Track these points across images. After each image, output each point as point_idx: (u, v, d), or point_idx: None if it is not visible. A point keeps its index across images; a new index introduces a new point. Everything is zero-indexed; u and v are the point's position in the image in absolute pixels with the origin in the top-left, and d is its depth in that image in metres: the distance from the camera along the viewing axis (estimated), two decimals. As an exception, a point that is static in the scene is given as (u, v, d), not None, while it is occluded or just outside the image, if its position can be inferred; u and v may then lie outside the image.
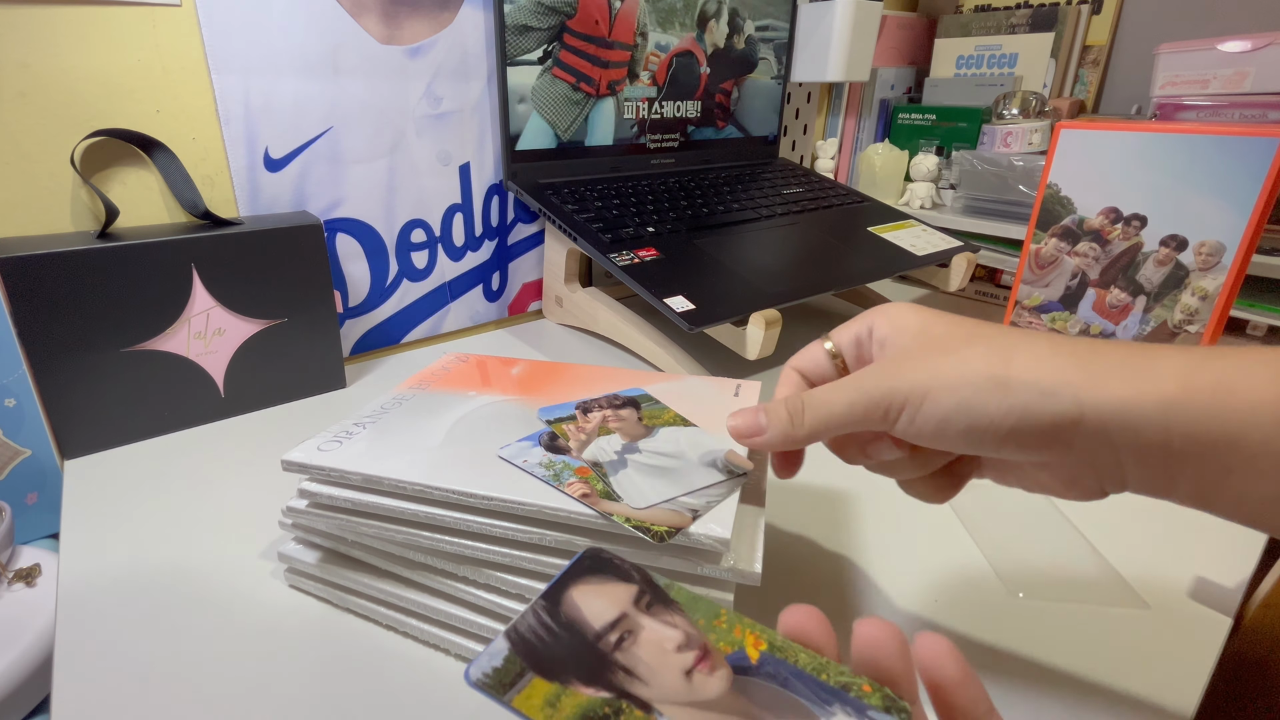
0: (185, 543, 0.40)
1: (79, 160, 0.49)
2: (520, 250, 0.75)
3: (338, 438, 0.34)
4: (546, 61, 0.67)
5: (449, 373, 0.42)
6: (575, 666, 0.18)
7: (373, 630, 0.34)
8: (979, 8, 1.05)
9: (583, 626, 0.19)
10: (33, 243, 0.45)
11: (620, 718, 0.17)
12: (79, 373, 0.47)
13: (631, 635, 0.19)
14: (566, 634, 0.19)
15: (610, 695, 0.17)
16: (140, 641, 0.33)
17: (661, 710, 0.17)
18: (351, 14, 0.57)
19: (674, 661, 0.18)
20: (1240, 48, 0.73)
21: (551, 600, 0.20)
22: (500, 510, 0.29)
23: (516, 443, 0.32)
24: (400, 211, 0.65)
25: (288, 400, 0.57)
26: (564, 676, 0.18)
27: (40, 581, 0.53)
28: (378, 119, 0.61)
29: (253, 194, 0.56)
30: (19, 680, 0.48)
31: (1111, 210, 0.59)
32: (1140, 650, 0.33)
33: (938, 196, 0.94)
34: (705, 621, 0.20)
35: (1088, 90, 0.98)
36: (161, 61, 0.50)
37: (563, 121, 0.70)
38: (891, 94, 1.06)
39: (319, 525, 0.33)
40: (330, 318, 0.56)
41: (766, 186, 0.81)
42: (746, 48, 0.83)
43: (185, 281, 0.49)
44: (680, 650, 0.19)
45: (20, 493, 0.54)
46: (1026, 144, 0.83)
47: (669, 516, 0.27)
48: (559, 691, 0.17)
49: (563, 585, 0.21)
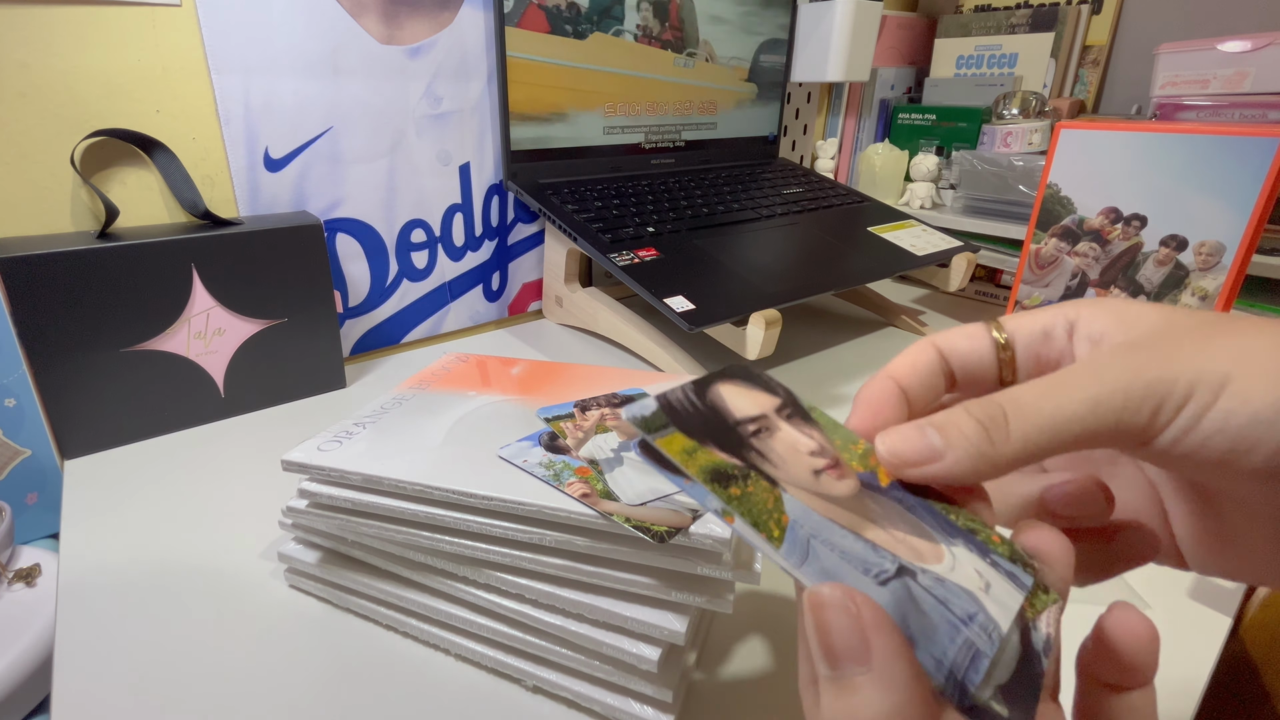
0: (185, 543, 0.40)
1: (79, 160, 0.49)
2: (520, 250, 0.75)
3: (338, 438, 0.34)
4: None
5: (449, 373, 0.42)
6: (713, 436, 0.19)
7: (373, 630, 0.34)
8: (979, 8, 1.05)
9: (724, 412, 0.19)
10: (33, 243, 0.45)
11: (749, 481, 0.18)
12: (79, 373, 0.47)
13: (768, 431, 0.19)
14: (709, 412, 0.19)
15: (741, 463, 0.18)
16: (140, 641, 0.33)
17: (787, 488, 0.18)
18: (351, 14, 0.57)
19: (805, 461, 0.19)
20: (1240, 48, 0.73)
21: (699, 388, 0.20)
22: (500, 510, 0.29)
23: (516, 443, 0.32)
24: (400, 211, 0.65)
25: (288, 400, 0.57)
26: (702, 438, 0.18)
27: (40, 581, 0.53)
28: (378, 119, 0.61)
29: (253, 194, 0.56)
30: (19, 680, 0.48)
31: (1111, 210, 0.59)
32: (1140, 650, 0.33)
33: (938, 196, 0.94)
34: (842, 444, 0.19)
35: (1088, 90, 0.98)
36: (161, 61, 0.50)
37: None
38: (891, 94, 1.06)
39: (319, 525, 0.33)
40: (330, 318, 0.56)
41: (766, 186, 0.81)
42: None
43: (185, 281, 0.49)
44: (813, 455, 0.19)
45: (20, 493, 0.54)
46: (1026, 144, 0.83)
47: (669, 516, 0.27)
48: (696, 447, 0.18)
49: (710, 381, 0.20)
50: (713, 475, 0.17)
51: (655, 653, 0.27)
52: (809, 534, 0.17)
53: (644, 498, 0.28)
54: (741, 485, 0.17)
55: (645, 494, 0.28)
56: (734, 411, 0.20)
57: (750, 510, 0.17)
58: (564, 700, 0.30)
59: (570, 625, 0.29)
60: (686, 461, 0.18)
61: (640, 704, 0.29)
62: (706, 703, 0.31)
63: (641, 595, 0.28)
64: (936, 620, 0.15)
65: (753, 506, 0.17)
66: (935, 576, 0.16)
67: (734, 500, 0.17)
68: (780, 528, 0.17)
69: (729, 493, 0.17)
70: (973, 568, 0.17)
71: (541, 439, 0.33)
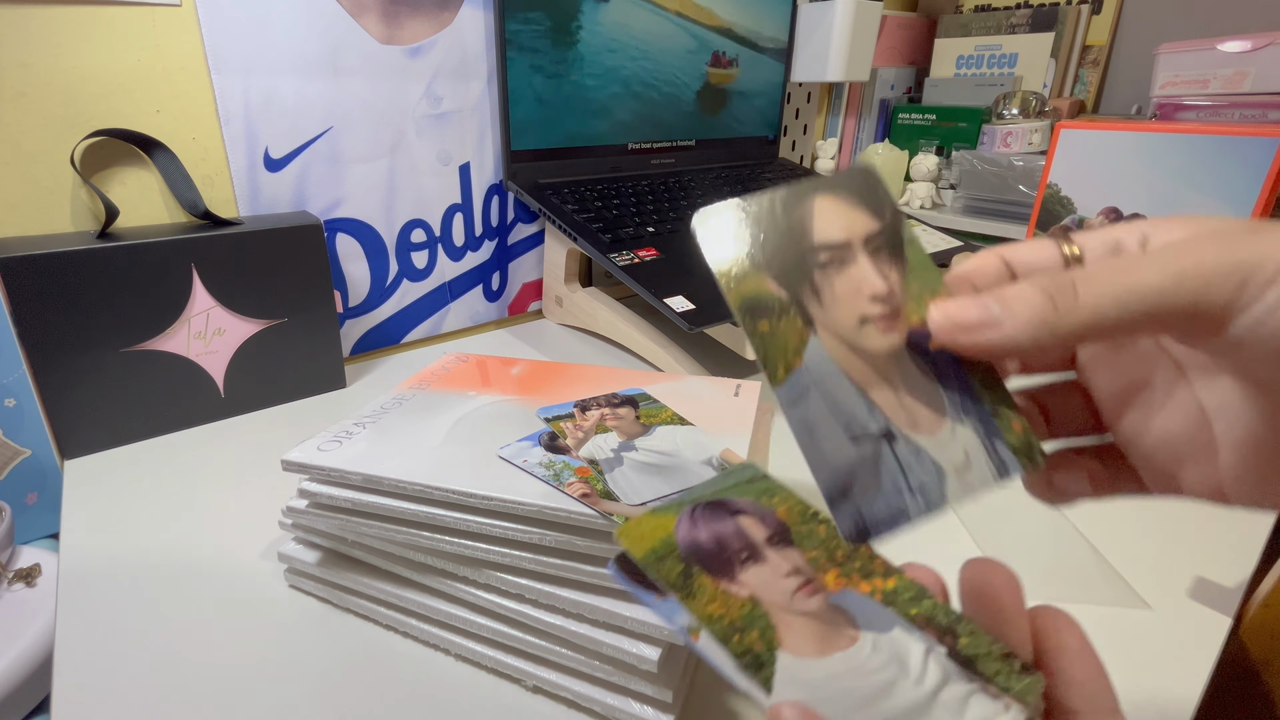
0: (185, 542, 0.40)
1: (79, 160, 0.49)
2: (520, 250, 0.75)
3: (338, 438, 0.34)
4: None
5: (449, 373, 0.42)
6: (774, 259, 0.18)
7: (373, 630, 0.34)
8: (979, 8, 1.05)
9: (803, 236, 0.19)
10: (33, 243, 0.45)
11: (783, 317, 0.18)
12: (79, 373, 0.47)
13: (840, 264, 0.19)
14: (785, 232, 0.19)
15: (786, 296, 0.18)
16: (140, 641, 0.33)
17: (820, 331, 0.18)
18: (351, 14, 0.57)
19: (859, 306, 0.18)
20: (1240, 48, 0.73)
21: (795, 195, 0.19)
22: (500, 510, 0.29)
23: (516, 443, 0.32)
24: (400, 211, 0.65)
25: (288, 400, 0.57)
26: (760, 261, 0.18)
27: (40, 581, 0.53)
28: (378, 119, 0.61)
29: (253, 194, 0.56)
30: (19, 680, 0.48)
31: (1111, 210, 0.59)
32: (1140, 650, 0.33)
33: (938, 196, 0.94)
34: (917, 291, 0.19)
35: (1088, 90, 0.98)
36: (161, 61, 0.50)
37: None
38: (891, 94, 1.06)
39: (319, 525, 0.33)
40: (330, 318, 0.56)
41: (767, 186, 0.81)
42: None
43: (185, 281, 0.49)
44: (873, 299, 0.19)
45: (20, 493, 0.54)
46: (1026, 144, 0.83)
47: (669, 516, 0.27)
48: (748, 271, 0.18)
49: (815, 188, 0.20)
50: (748, 306, 0.18)
51: (655, 653, 0.27)
52: (812, 381, 0.17)
53: (644, 497, 0.28)
54: (772, 321, 0.18)
55: (645, 494, 0.28)
56: (816, 234, 0.19)
57: (767, 351, 0.18)
58: (564, 700, 0.30)
59: (570, 625, 0.29)
60: (729, 288, 0.18)
61: (640, 704, 0.29)
62: (706, 703, 0.31)
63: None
64: (886, 482, 0.17)
65: (771, 346, 0.18)
66: (915, 446, 0.17)
67: (769, 356, 0.18)
68: (788, 369, 0.18)
69: (758, 326, 0.18)
70: (964, 446, 0.17)
71: (541, 439, 0.33)
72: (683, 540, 0.20)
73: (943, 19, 1.07)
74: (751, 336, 0.17)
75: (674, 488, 0.29)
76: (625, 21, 0.71)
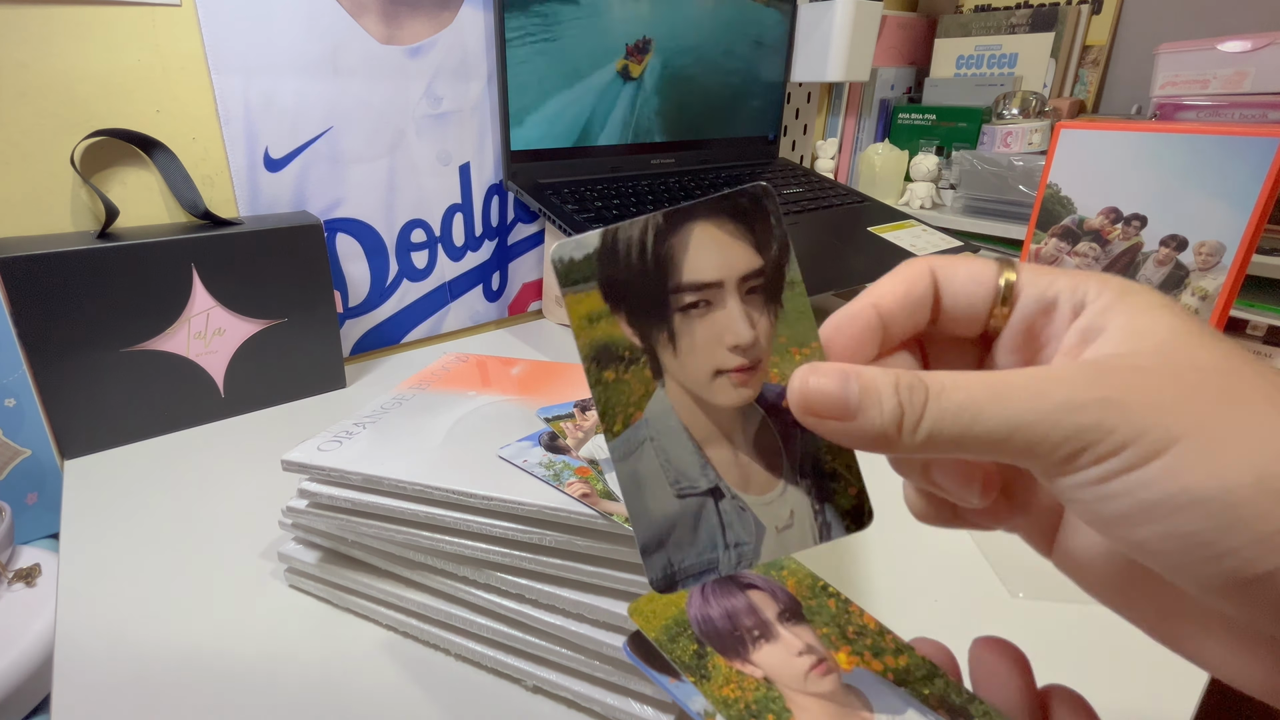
0: (185, 543, 0.40)
1: (79, 160, 0.49)
2: (520, 250, 0.75)
3: (338, 438, 0.34)
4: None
5: (449, 373, 0.42)
6: (633, 301, 0.17)
7: (373, 630, 0.34)
8: (979, 8, 1.05)
9: (670, 272, 0.17)
10: (33, 243, 0.45)
11: (631, 367, 0.17)
12: (79, 373, 0.47)
13: (707, 308, 0.17)
14: (653, 266, 0.17)
15: (638, 344, 0.17)
16: (140, 641, 0.33)
17: (668, 384, 0.17)
18: (351, 14, 0.57)
19: (717, 356, 0.17)
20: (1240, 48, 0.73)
21: (671, 223, 0.17)
22: (500, 510, 0.29)
23: (516, 443, 0.32)
24: (400, 211, 0.65)
25: (288, 400, 0.57)
26: (617, 303, 0.17)
27: (40, 581, 0.53)
28: (378, 119, 0.61)
29: (253, 194, 0.56)
30: (19, 680, 0.48)
31: (1111, 210, 0.59)
32: (1140, 650, 0.33)
33: (938, 196, 0.94)
34: (787, 342, 0.17)
35: (1088, 90, 0.98)
36: (161, 61, 0.50)
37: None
38: (891, 94, 1.06)
39: (319, 525, 0.33)
40: (330, 318, 0.56)
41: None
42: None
43: (185, 281, 0.49)
44: (733, 350, 0.17)
45: (20, 493, 0.54)
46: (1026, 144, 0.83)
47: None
48: (603, 314, 0.17)
49: (695, 214, 0.17)
50: (597, 353, 0.17)
51: (655, 653, 0.27)
52: (649, 435, 0.17)
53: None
54: (619, 370, 0.17)
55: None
56: (685, 272, 0.17)
57: (608, 402, 0.17)
58: (564, 700, 0.30)
59: (570, 625, 0.29)
60: (580, 330, 0.17)
61: (640, 704, 0.29)
62: (706, 703, 0.31)
63: (641, 595, 0.28)
64: (703, 536, 0.17)
65: (613, 397, 0.17)
66: (741, 505, 0.17)
67: (609, 408, 0.17)
68: (626, 423, 0.17)
69: (603, 375, 0.17)
70: (791, 507, 0.17)
71: (541, 439, 0.33)
72: (695, 617, 0.20)
73: (943, 19, 1.07)
74: (593, 386, 0.16)
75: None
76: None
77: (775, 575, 0.22)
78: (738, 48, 0.82)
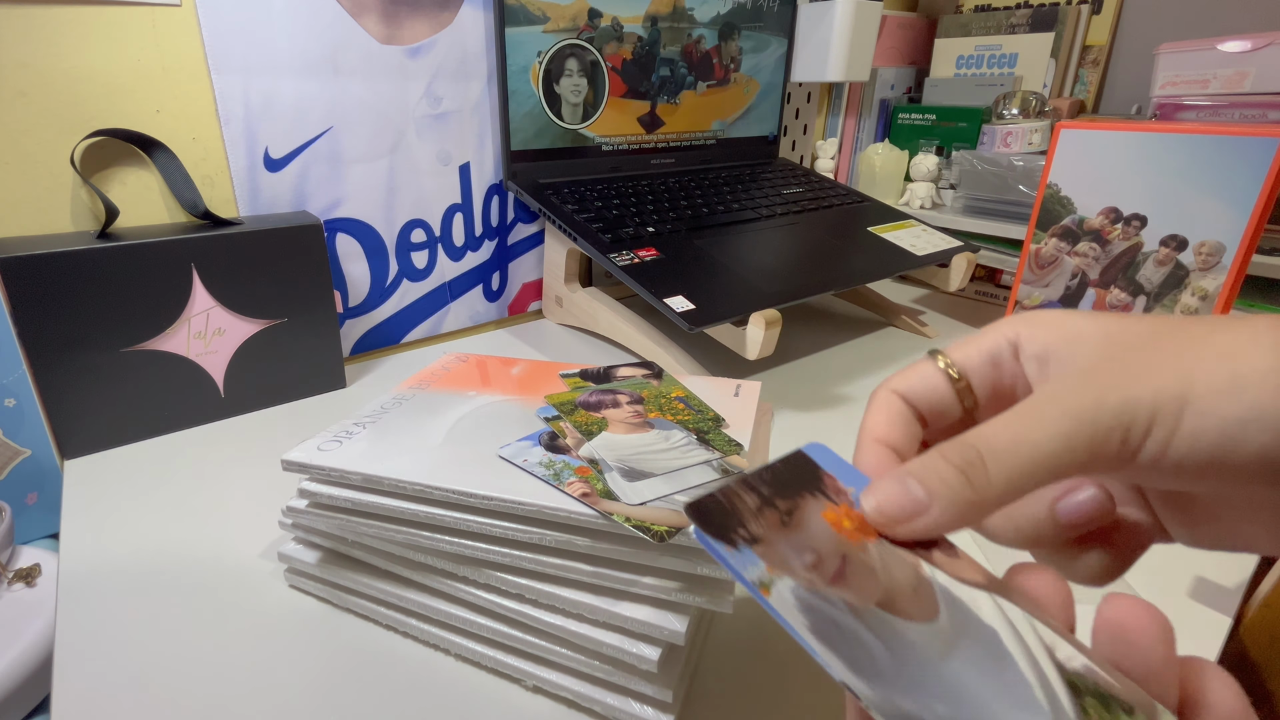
0: (185, 543, 0.40)
1: (79, 160, 0.49)
2: (520, 250, 0.75)
3: (338, 438, 0.34)
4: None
5: (449, 373, 0.42)
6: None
7: (373, 630, 0.34)
8: (979, 8, 1.05)
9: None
10: (33, 243, 0.45)
11: None
12: (79, 373, 0.47)
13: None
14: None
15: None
16: (140, 641, 0.33)
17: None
18: (351, 14, 0.57)
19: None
20: (1240, 48, 0.73)
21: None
22: (500, 510, 0.29)
23: (516, 442, 0.32)
24: (400, 211, 0.65)
25: (288, 400, 0.57)
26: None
27: (40, 581, 0.53)
28: (378, 119, 0.61)
29: (253, 194, 0.56)
30: (19, 680, 0.48)
31: (1111, 210, 0.59)
32: (1140, 650, 0.33)
33: (938, 196, 0.94)
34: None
35: (1088, 90, 0.98)
36: (161, 61, 0.50)
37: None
38: (891, 94, 1.06)
39: (319, 525, 0.33)
40: (330, 318, 0.56)
41: (766, 186, 0.81)
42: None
43: (185, 281, 0.49)
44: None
45: (20, 493, 0.54)
46: (1026, 144, 0.83)
47: (669, 516, 0.27)
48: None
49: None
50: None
51: (655, 653, 0.27)
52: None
53: (644, 497, 0.28)
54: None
55: (645, 494, 0.28)
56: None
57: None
58: (564, 700, 0.30)
59: (570, 625, 0.29)
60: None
61: (640, 704, 0.29)
62: (706, 703, 0.31)
63: (641, 595, 0.28)
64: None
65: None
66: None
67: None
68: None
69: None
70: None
71: (541, 439, 0.33)
72: (581, 401, 0.32)
73: (943, 19, 1.07)
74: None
75: (674, 488, 0.29)
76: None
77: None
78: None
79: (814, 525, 0.19)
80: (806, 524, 0.19)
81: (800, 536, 0.18)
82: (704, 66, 0.80)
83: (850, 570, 0.18)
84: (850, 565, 0.18)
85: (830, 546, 0.18)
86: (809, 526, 0.19)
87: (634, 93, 0.75)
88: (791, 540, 0.18)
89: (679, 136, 0.81)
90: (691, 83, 0.79)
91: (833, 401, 0.59)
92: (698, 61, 0.79)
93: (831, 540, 0.18)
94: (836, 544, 0.18)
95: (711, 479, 0.29)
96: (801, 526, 0.19)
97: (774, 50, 0.86)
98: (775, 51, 0.86)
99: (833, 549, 0.18)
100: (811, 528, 0.19)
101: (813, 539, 0.18)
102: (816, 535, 0.18)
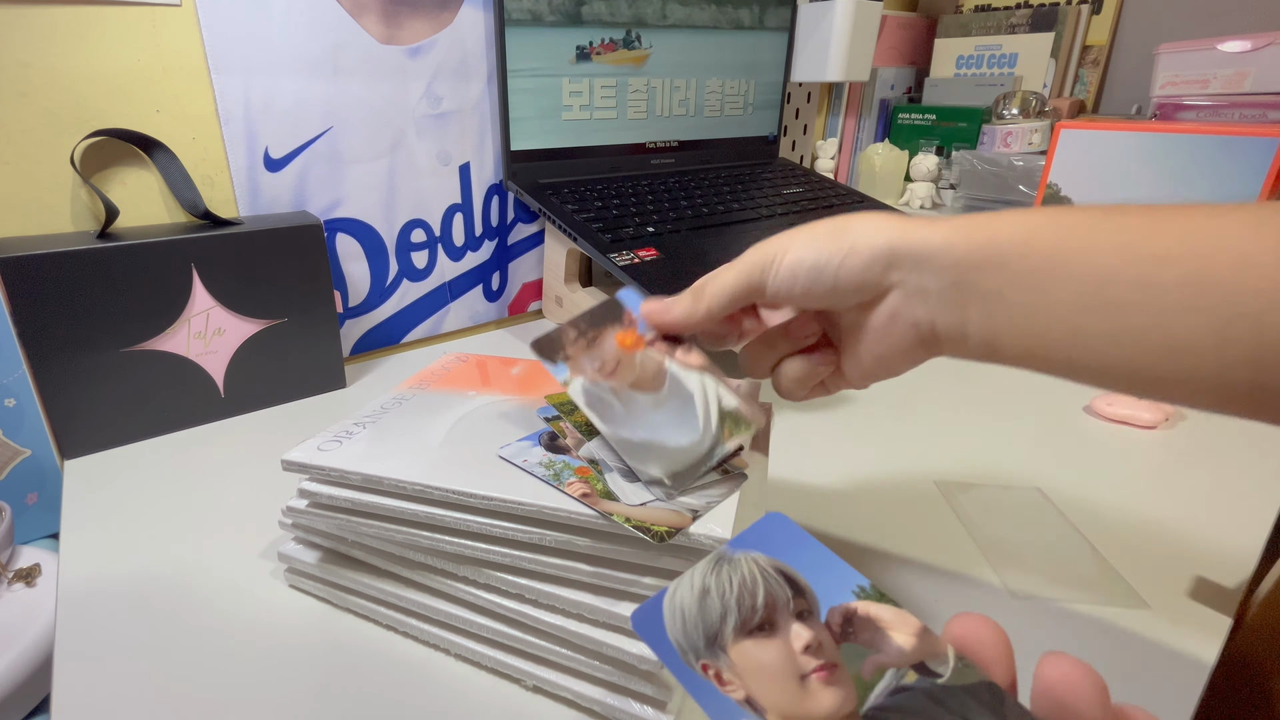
0: (185, 543, 0.40)
1: (79, 160, 0.49)
2: (520, 250, 0.75)
3: (338, 438, 0.34)
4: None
5: (449, 373, 0.42)
6: None
7: (373, 630, 0.34)
8: (979, 8, 1.05)
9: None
10: (33, 243, 0.45)
11: None
12: (79, 373, 0.47)
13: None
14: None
15: None
16: (140, 641, 0.33)
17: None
18: (351, 14, 0.57)
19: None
20: (1240, 48, 0.73)
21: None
22: (500, 510, 0.29)
23: (516, 442, 0.32)
24: (400, 211, 0.65)
25: (288, 400, 0.57)
26: None
27: (40, 581, 0.53)
28: (378, 119, 0.61)
29: (253, 194, 0.56)
30: (19, 680, 0.48)
31: (1111, 210, 0.59)
32: (1140, 650, 0.33)
33: (938, 196, 0.94)
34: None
35: (1088, 90, 0.98)
36: (161, 61, 0.50)
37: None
38: (891, 94, 1.06)
39: (319, 525, 0.33)
40: (330, 318, 0.56)
41: (766, 186, 0.81)
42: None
43: (185, 281, 0.49)
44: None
45: (20, 493, 0.54)
46: (1026, 144, 0.83)
47: (669, 516, 0.27)
48: None
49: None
50: None
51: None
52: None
53: (644, 498, 0.28)
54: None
55: (645, 494, 0.28)
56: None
57: None
58: (564, 700, 0.30)
59: (570, 625, 0.29)
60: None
61: (640, 704, 0.29)
62: (706, 703, 0.31)
63: (642, 595, 0.28)
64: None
65: None
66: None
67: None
68: None
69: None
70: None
71: (541, 439, 0.33)
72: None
73: (943, 19, 1.07)
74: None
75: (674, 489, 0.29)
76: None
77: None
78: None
79: (606, 345, 0.31)
80: (602, 344, 0.31)
81: (595, 353, 0.31)
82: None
83: (619, 369, 0.30)
84: (620, 366, 0.30)
85: (611, 356, 0.31)
86: (603, 346, 0.31)
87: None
88: (590, 355, 0.31)
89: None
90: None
91: (833, 401, 0.59)
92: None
93: (613, 352, 0.31)
94: (616, 355, 0.31)
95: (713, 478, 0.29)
96: (598, 346, 0.31)
97: (774, 50, 0.86)
98: (775, 51, 0.86)
99: (613, 357, 0.31)
100: (604, 346, 0.31)
101: (602, 353, 0.31)
102: (606, 351, 0.31)
